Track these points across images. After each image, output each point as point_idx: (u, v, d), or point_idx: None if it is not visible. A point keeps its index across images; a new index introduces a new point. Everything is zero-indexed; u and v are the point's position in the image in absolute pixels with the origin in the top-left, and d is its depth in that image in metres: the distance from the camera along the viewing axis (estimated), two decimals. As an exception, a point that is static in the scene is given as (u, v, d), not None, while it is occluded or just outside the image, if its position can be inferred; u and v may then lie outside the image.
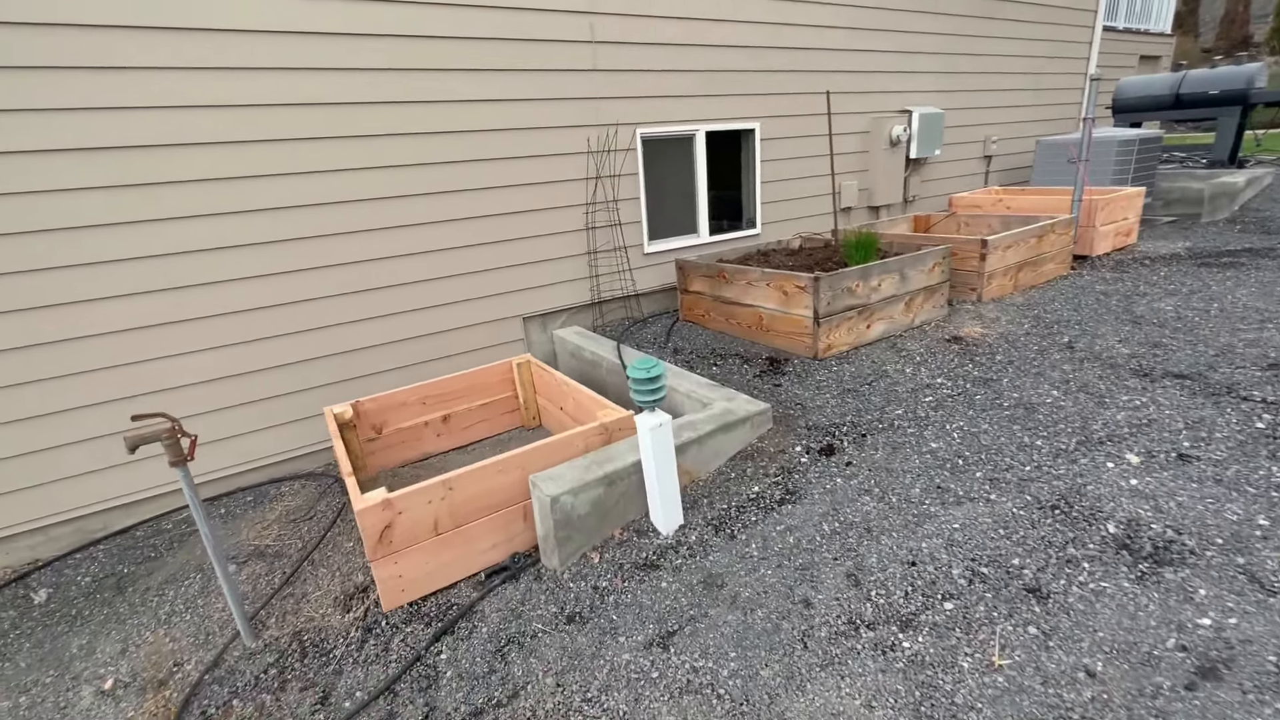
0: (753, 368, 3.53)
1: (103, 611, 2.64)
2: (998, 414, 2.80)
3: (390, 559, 2.33)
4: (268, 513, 3.25)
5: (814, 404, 3.08)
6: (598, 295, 4.54)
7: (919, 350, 3.56)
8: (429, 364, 3.98)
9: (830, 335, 3.43)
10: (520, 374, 3.81)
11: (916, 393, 3.08)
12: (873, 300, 3.57)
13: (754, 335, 3.87)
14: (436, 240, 3.84)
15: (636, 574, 2.25)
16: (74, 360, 2.98)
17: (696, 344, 4.03)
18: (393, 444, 3.55)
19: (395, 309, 3.78)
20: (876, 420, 2.89)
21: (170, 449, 2.08)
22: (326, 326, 3.58)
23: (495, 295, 4.13)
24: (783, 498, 2.49)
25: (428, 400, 3.61)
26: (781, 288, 3.53)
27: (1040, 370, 3.16)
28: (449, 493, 2.41)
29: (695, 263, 4.24)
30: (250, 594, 2.63)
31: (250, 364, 3.41)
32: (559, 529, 2.33)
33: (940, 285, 3.91)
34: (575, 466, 2.48)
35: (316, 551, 2.84)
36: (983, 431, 2.67)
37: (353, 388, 3.74)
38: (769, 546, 2.23)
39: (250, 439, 3.49)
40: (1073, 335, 3.56)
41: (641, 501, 2.56)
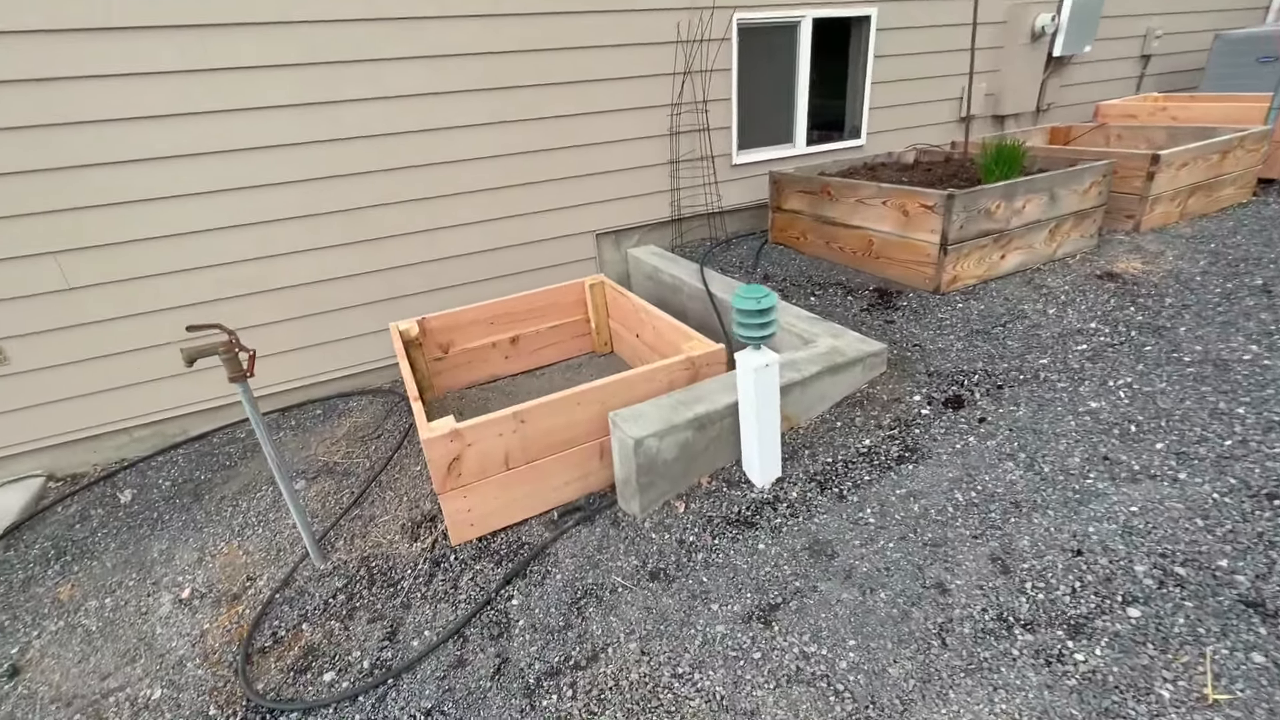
0: (858, 300, 3.08)
1: (181, 517, 2.64)
2: (1177, 371, 2.28)
3: (458, 492, 2.15)
4: (336, 428, 3.17)
5: (935, 346, 2.64)
6: (678, 211, 4.10)
7: (1063, 287, 2.99)
8: (494, 281, 3.72)
9: (957, 265, 2.91)
10: (593, 296, 3.50)
11: (1065, 339, 2.58)
12: (1012, 225, 2.99)
13: (860, 263, 3.38)
14: (504, 143, 3.46)
15: (728, 530, 1.99)
16: (149, 261, 2.87)
17: (790, 270, 3.57)
18: (459, 364, 3.36)
19: (460, 219, 3.49)
20: (1015, 370, 2.43)
21: (228, 364, 1.90)
22: (391, 236, 3.34)
23: (567, 208, 3.76)
24: (901, 455, 2.13)
25: (495, 320, 3.37)
26: (902, 207, 2.99)
27: (1229, 319, 2.57)
28: (521, 425, 2.18)
29: (793, 176, 3.70)
30: (319, 512, 2.56)
31: (317, 273, 3.23)
32: (641, 474, 2.07)
33: (1094, 210, 3.25)
34: (660, 405, 2.19)
35: (384, 473, 2.73)
36: (1159, 392, 2.18)
37: (417, 303, 3.54)
38: (888, 513, 1.90)
39: (317, 352, 3.38)
40: (1268, 277, 2.89)
41: (733, 448, 2.26)
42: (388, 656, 1.83)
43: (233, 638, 2.02)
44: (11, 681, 1.98)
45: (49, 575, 2.41)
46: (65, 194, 2.66)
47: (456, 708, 1.63)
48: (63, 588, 2.34)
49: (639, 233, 4.14)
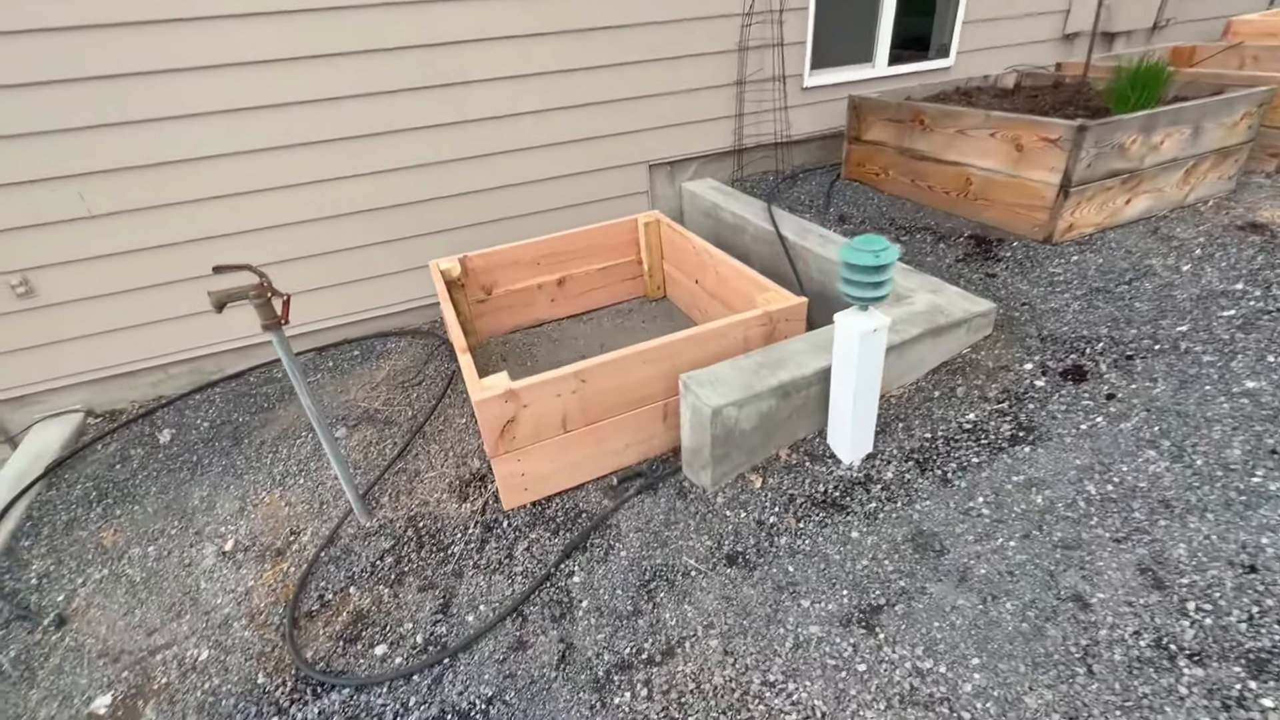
0: (951, 249, 2.72)
1: (220, 462, 2.53)
2: (1352, 346, 1.93)
3: (512, 456, 1.97)
4: (375, 371, 3.00)
5: (1047, 306, 2.30)
6: (740, 140, 3.69)
7: (1197, 239, 2.58)
8: (536, 217, 3.42)
9: (1076, 211, 2.51)
10: (647, 235, 3.19)
11: (1206, 302, 2.22)
12: (1145, 165, 2.55)
13: (953, 205, 2.98)
14: (545, 60, 3.06)
15: (815, 513, 1.77)
16: (178, 188, 2.64)
17: (868, 211, 3.19)
18: (503, 307, 3.13)
19: (501, 146, 3.16)
20: (1148, 338, 2.10)
21: (260, 310, 1.69)
22: (424, 165, 3.04)
23: (617, 135, 3.39)
24: (1014, 435, 1.86)
25: (542, 260, 3.10)
26: (1015, 140, 2.57)
27: None
28: (582, 385, 1.96)
29: (879, 101, 3.24)
30: (361, 463, 2.42)
31: (350, 204, 2.97)
32: (716, 445, 1.84)
33: (1240, 147, 2.78)
34: (740, 368, 1.93)
35: (428, 424, 2.57)
36: (1334, 372, 1.85)
37: (455, 240, 3.28)
38: (1004, 504, 1.66)
39: (352, 290, 3.17)
40: None
41: (817, 418, 2.01)
42: (442, 633, 1.70)
43: (278, 598, 1.92)
44: (59, 632, 1.93)
45: (91, 519, 2.34)
46: (84, 111, 2.41)
47: (520, 698, 1.49)
48: (105, 532, 2.27)
49: (695, 164, 3.76)
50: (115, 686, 1.74)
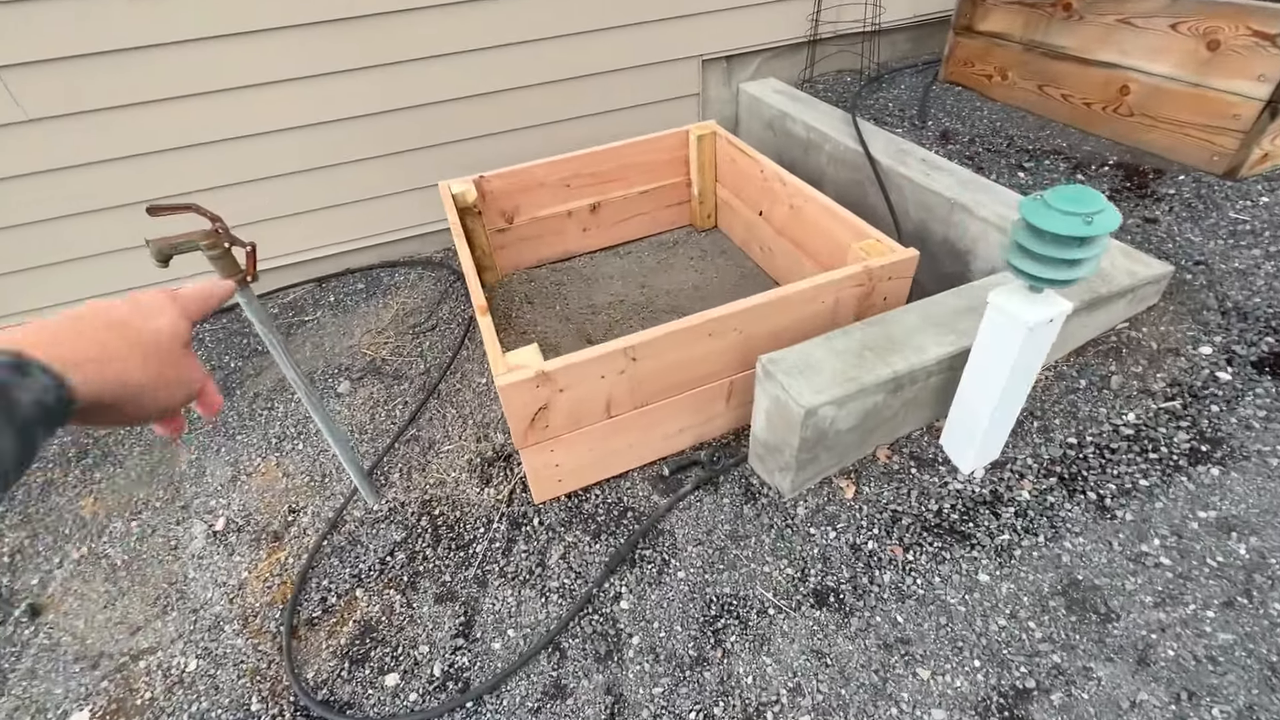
0: (1094, 182, 2.14)
1: (209, 418, 2.22)
2: None
3: (544, 445, 1.60)
4: (382, 310, 2.61)
5: (1230, 266, 1.78)
6: (816, 29, 2.99)
7: None
8: (566, 125, 2.85)
9: (1278, 138, 1.91)
10: (700, 152, 2.63)
11: None
12: (1383, 72, 1.91)
13: (1093, 122, 2.35)
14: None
15: (927, 541, 1.40)
16: (135, 82, 2.13)
17: (978, 127, 2.57)
18: (527, 237, 2.66)
19: (520, 36, 2.54)
20: (1375, 317, 1.60)
21: (219, 263, 1.28)
22: (432, 56, 2.46)
23: (663, 20, 2.73)
24: (1194, 449, 1.43)
25: (573, 181, 2.58)
26: (1210, 35, 1.92)
27: None
28: (632, 364, 1.54)
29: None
30: (368, 427, 2.08)
31: (351, 105, 2.44)
32: (804, 448, 1.45)
33: None
34: (836, 351, 1.49)
35: (443, 382, 2.20)
36: None
37: (468, 155, 2.75)
38: (1191, 552, 1.26)
39: (354, 211, 2.71)
40: None
41: (929, 411, 1.59)
42: (464, 664, 1.41)
43: (275, 598, 1.65)
44: (32, 624, 1.70)
45: (69, 482, 2.07)
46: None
47: (560, 770, 1.21)
48: (84, 500, 2.00)
49: (758, 60, 3.09)
50: (94, 699, 1.51)
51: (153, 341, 0.46)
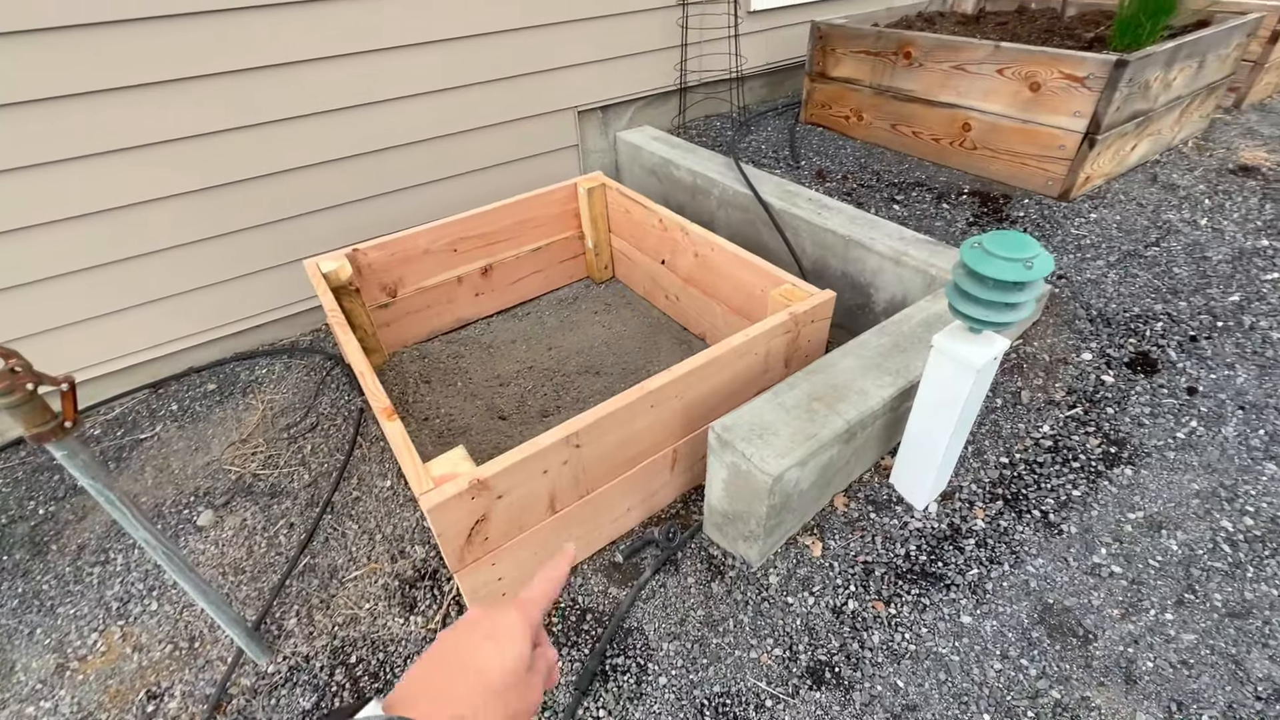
0: (957, 209, 2.35)
1: (16, 587, 1.70)
2: (1406, 310, 1.79)
3: (485, 561, 1.38)
4: (244, 414, 2.20)
5: (1084, 277, 2.01)
6: (683, 78, 3.07)
7: (1197, 186, 2.40)
8: (445, 183, 2.65)
9: (1096, 162, 2.21)
10: (590, 204, 2.55)
11: (1242, 263, 2.02)
12: (1158, 104, 2.29)
13: (943, 155, 2.60)
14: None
15: (904, 589, 1.37)
16: None
17: (846, 163, 2.75)
18: (415, 309, 2.40)
19: (382, 94, 2.33)
20: (1203, 311, 1.86)
21: (21, 413, 0.95)
22: (282, 120, 2.17)
23: (536, 74, 2.65)
24: (1106, 453, 1.55)
25: (460, 245, 2.38)
26: (1031, 78, 2.19)
27: None
28: (575, 452, 1.38)
29: (853, 30, 2.74)
30: (246, 564, 1.70)
31: (186, 177, 2.06)
32: (772, 515, 1.37)
33: (1222, 82, 2.60)
34: (785, 407, 1.44)
35: (337, 492, 1.88)
36: None
37: (333, 224, 2.46)
38: (1135, 556, 1.34)
39: (201, 299, 2.29)
40: None
41: (875, 451, 1.59)
42: None
43: (142, 829, 1.25)
44: None
45: None
46: None
47: None
48: None
49: (632, 109, 3.10)
50: None
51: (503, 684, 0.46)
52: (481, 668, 0.46)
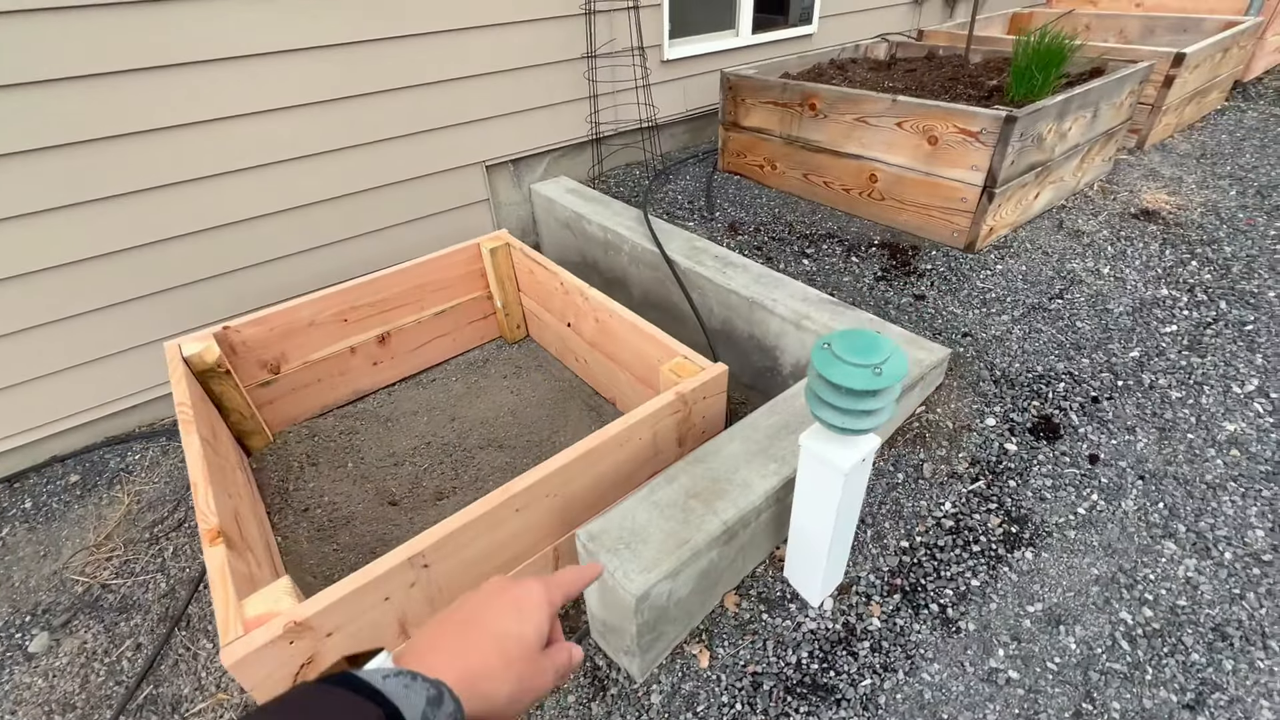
0: (867, 262, 2.30)
1: None
2: (1300, 361, 1.78)
3: (322, 702, 1.21)
4: (106, 509, 2.00)
5: (989, 334, 1.96)
6: (596, 128, 3.00)
7: (1100, 232, 2.41)
8: (343, 245, 2.52)
9: (998, 213, 2.19)
10: (495, 264, 2.44)
11: (1143, 315, 2.00)
12: (1055, 154, 2.30)
13: (855, 205, 2.57)
14: (340, 28, 2.14)
15: (794, 706, 1.25)
16: None
17: (759, 214, 2.70)
18: (303, 385, 2.24)
19: (274, 155, 2.20)
20: (1104, 368, 1.82)
21: None
22: (162, 186, 2.01)
23: (439, 129, 2.55)
24: (1007, 533, 1.47)
25: (351, 315, 2.24)
26: (928, 132, 2.17)
27: (1310, 275, 2.12)
28: (424, 573, 1.24)
29: (759, 81, 2.72)
30: (78, 698, 1.50)
31: (48, 251, 1.88)
32: (645, 631, 1.24)
33: (1120, 128, 2.65)
34: (660, 506, 1.33)
35: (194, 603, 1.68)
36: (1303, 401, 1.67)
37: (223, 290, 2.29)
38: (1033, 658, 1.25)
39: (60, 382, 2.09)
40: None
41: (768, 543, 1.48)
42: None
43: None
44: None
45: None
46: None
47: None
48: None
49: (546, 160, 3.02)
50: None
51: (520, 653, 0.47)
52: (500, 632, 0.47)
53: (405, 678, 0.40)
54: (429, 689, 0.40)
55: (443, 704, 0.40)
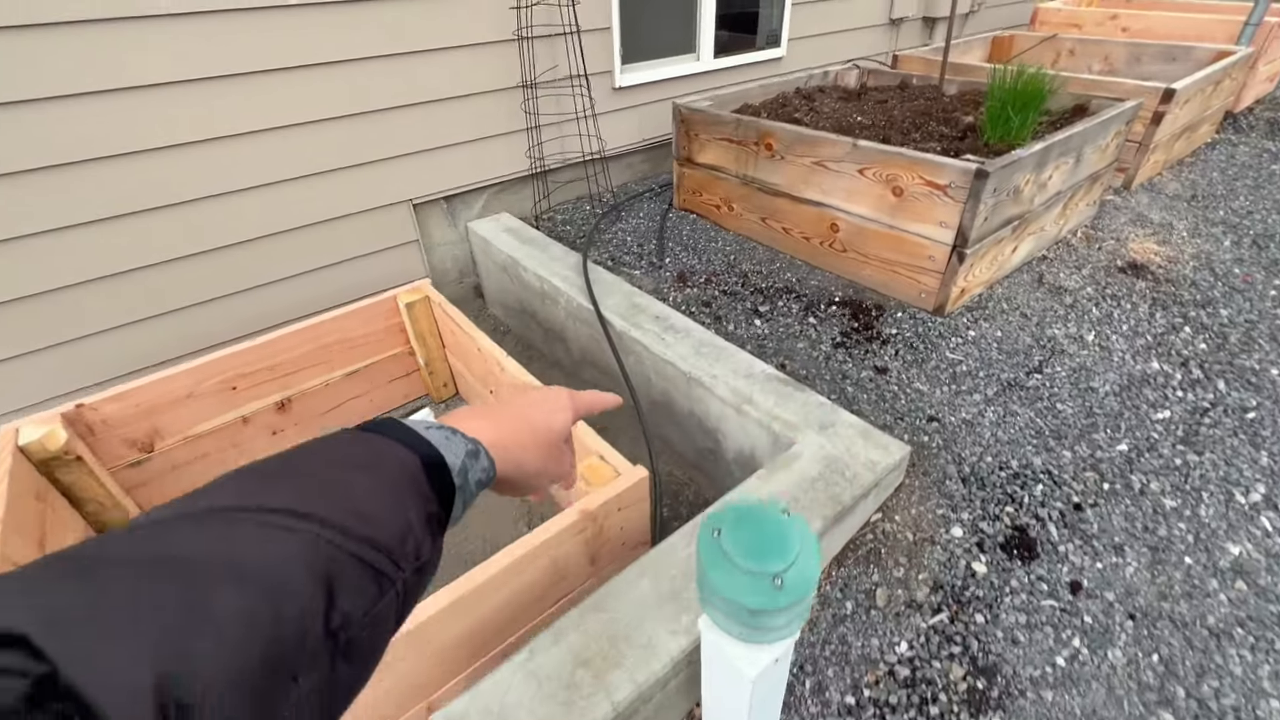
0: (824, 324, 2.06)
1: None
2: (1312, 460, 1.55)
3: None
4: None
5: (958, 417, 1.71)
6: (540, 161, 2.75)
7: (1084, 290, 2.18)
8: (247, 295, 2.25)
9: (971, 274, 1.95)
10: (413, 319, 2.18)
11: (1130, 395, 1.76)
12: (1034, 205, 2.06)
13: (816, 255, 2.33)
14: (239, 56, 1.87)
15: None
16: None
17: (713, 262, 2.45)
18: (184, 462, 1.96)
19: (177, 195, 1.93)
20: (1089, 467, 1.58)
21: None
22: (34, 234, 1.74)
23: (356, 166, 2.29)
24: (972, 688, 1.22)
25: (242, 381, 1.97)
26: (892, 181, 1.93)
27: (1317, 347, 1.89)
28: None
29: (712, 116, 2.47)
30: None
31: None
32: None
33: (1105, 170, 2.42)
34: (540, 680, 1.06)
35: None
36: (1317, 515, 1.43)
37: (91, 352, 2.01)
38: None
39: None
40: (1313, 265, 2.26)
41: (679, 706, 1.22)
42: None
43: None
44: None
45: None
46: None
47: None
48: None
49: (485, 195, 2.76)
50: None
51: (546, 438, 0.53)
52: (532, 419, 0.52)
53: (446, 431, 0.43)
54: (468, 444, 0.44)
55: (479, 459, 0.44)
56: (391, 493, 0.37)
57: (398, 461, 0.38)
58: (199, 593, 0.26)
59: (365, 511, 0.34)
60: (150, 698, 0.22)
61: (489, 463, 0.44)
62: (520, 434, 0.50)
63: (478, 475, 0.43)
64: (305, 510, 0.32)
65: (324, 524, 0.32)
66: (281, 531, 0.31)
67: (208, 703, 0.24)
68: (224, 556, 0.28)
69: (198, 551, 0.28)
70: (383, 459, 0.38)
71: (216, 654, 0.25)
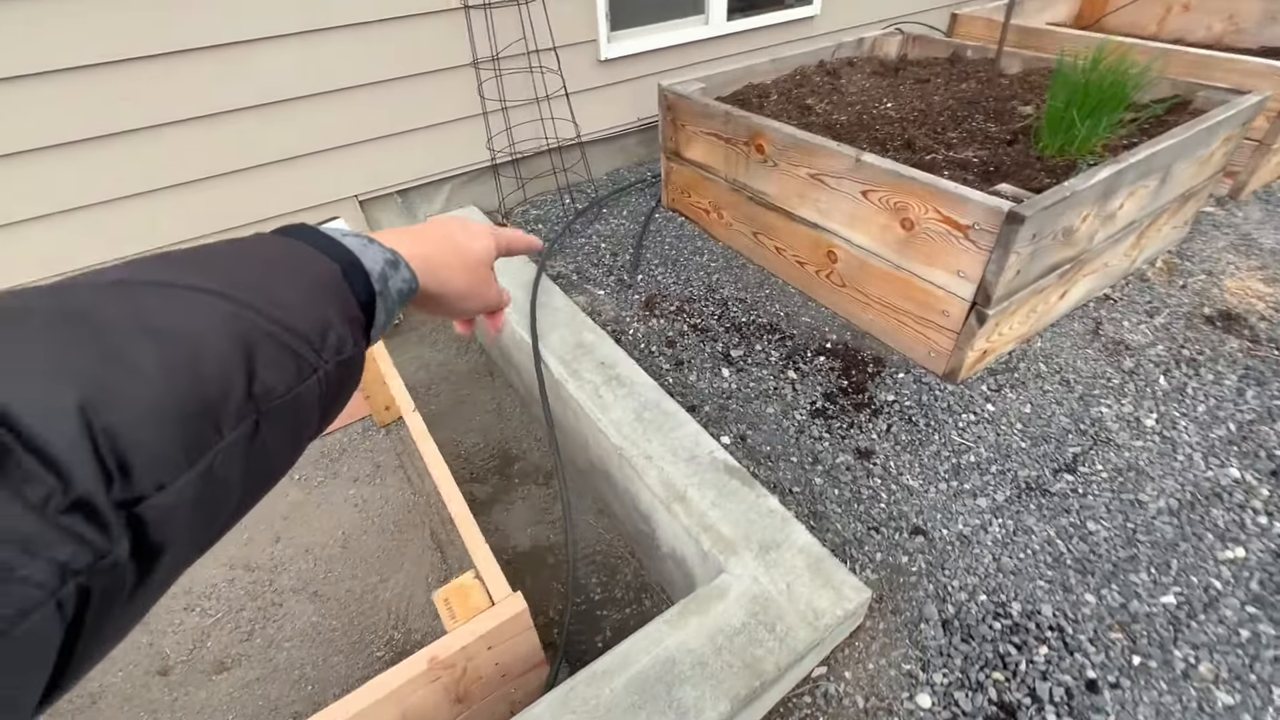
0: (807, 381, 1.68)
1: None
2: None
3: None
4: None
5: (952, 529, 1.35)
6: (510, 149, 2.39)
7: (1154, 349, 1.71)
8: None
9: (994, 334, 1.53)
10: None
11: (1192, 514, 1.34)
12: (1094, 243, 1.59)
13: (810, 285, 1.92)
14: (139, 31, 1.60)
15: None
16: None
17: (691, 283, 2.07)
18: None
19: (96, 195, 1.72)
20: (1115, 623, 1.20)
21: None
22: None
23: (302, 156, 2.01)
24: None
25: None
26: (901, 210, 1.51)
27: None
28: None
29: (697, 105, 2.03)
30: None
31: None
32: None
33: (1205, 185, 1.88)
34: None
35: None
36: None
37: None
38: None
39: None
40: None
41: None
42: None
43: None
44: None
45: None
46: None
47: None
48: None
49: (448, 187, 2.45)
50: None
51: (472, 259, 0.52)
52: (455, 238, 0.51)
53: (364, 239, 0.41)
54: (386, 253, 0.41)
55: (399, 269, 0.42)
56: (310, 288, 0.35)
57: (313, 259, 0.36)
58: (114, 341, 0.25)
59: (282, 300, 0.32)
60: (76, 416, 0.22)
61: (410, 274, 0.43)
62: (444, 252, 0.49)
63: (399, 285, 0.42)
64: (216, 289, 0.30)
65: (238, 303, 0.30)
66: (194, 302, 0.29)
67: (136, 432, 0.24)
68: (134, 316, 0.27)
69: (109, 311, 0.26)
70: (299, 256, 0.36)
71: (138, 389, 0.24)
